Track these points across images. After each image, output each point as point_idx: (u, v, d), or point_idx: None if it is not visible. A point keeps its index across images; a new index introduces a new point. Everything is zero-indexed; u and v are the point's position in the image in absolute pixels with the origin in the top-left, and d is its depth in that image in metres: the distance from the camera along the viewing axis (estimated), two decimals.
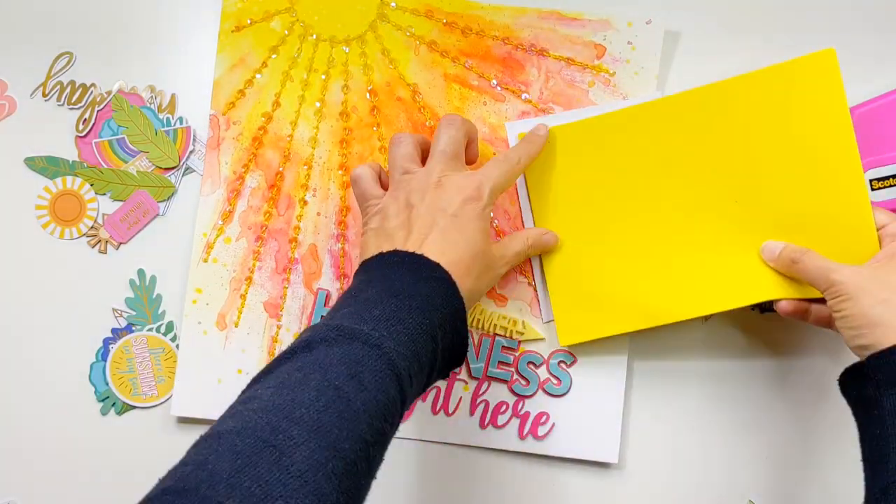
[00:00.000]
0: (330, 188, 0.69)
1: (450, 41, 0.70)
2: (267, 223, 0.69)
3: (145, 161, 0.70)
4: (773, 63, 0.61)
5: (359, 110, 0.70)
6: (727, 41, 0.69)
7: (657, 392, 0.69)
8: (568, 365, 0.68)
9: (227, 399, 0.69)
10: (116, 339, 0.70)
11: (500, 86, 0.69)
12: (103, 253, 0.70)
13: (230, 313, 0.69)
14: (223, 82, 0.70)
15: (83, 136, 0.70)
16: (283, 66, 0.70)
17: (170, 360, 0.69)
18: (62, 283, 0.70)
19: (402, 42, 0.70)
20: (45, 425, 0.70)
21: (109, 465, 0.70)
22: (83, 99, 0.71)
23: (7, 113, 0.71)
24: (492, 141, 0.69)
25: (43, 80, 0.71)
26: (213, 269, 0.69)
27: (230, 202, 0.69)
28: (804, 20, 0.69)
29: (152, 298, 0.70)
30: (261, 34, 0.70)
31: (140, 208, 0.70)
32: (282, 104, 0.70)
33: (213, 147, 0.70)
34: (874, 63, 0.68)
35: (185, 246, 0.70)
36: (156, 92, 0.71)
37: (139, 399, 0.70)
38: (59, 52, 0.71)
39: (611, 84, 0.69)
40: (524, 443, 0.68)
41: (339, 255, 0.69)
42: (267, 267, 0.69)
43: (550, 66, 0.69)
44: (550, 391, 0.68)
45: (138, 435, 0.69)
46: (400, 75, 0.70)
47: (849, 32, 0.69)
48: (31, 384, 0.70)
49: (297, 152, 0.70)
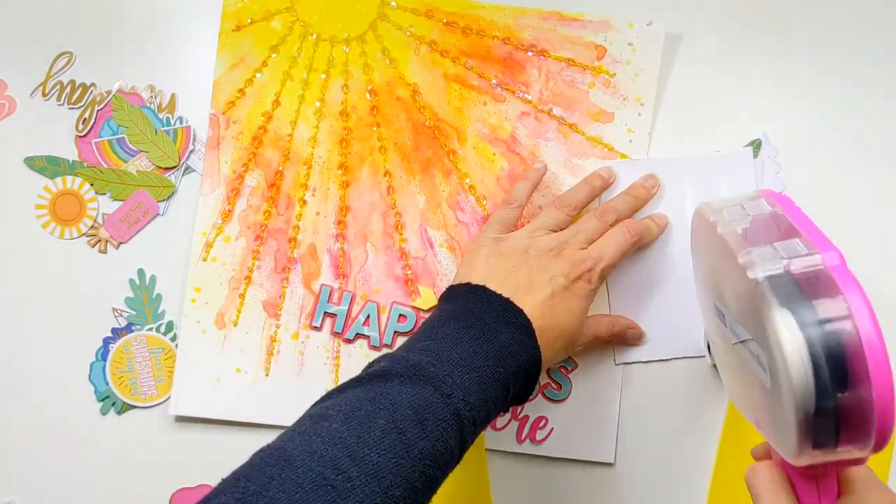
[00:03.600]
0: (329, 188, 0.69)
1: (450, 41, 0.70)
2: (266, 222, 0.69)
3: (145, 161, 0.70)
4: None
5: (358, 110, 0.70)
6: (728, 43, 0.69)
7: (656, 392, 0.68)
8: (569, 370, 0.68)
9: (226, 398, 0.69)
10: (116, 338, 0.70)
11: (501, 86, 0.69)
12: (103, 253, 0.70)
13: (229, 312, 0.69)
14: (223, 82, 0.70)
15: (83, 135, 0.70)
16: (283, 65, 0.70)
17: (169, 360, 0.69)
18: (62, 283, 0.70)
19: (402, 42, 0.70)
20: (45, 425, 0.70)
21: (109, 464, 0.70)
22: (83, 99, 0.71)
23: (7, 113, 0.71)
24: (492, 141, 0.69)
25: (43, 79, 0.71)
26: (212, 269, 0.69)
27: (230, 201, 0.69)
28: (804, 20, 0.69)
29: (152, 298, 0.70)
30: (261, 34, 0.70)
31: (140, 208, 0.70)
32: (282, 103, 0.70)
33: (212, 146, 0.70)
34: (886, 66, 0.68)
35: (185, 245, 0.70)
36: (156, 92, 0.71)
37: (139, 399, 0.70)
38: (59, 51, 0.71)
39: (611, 85, 0.68)
40: (522, 446, 0.67)
41: (338, 254, 0.69)
42: (266, 266, 0.69)
43: (551, 66, 0.69)
44: (550, 396, 0.68)
45: (138, 435, 0.69)
46: (400, 75, 0.70)
47: (850, 32, 0.68)
48: (30, 384, 0.70)
49: (297, 152, 0.70)
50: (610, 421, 0.67)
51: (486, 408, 0.53)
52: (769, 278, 0.44)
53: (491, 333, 0.55)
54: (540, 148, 0.69)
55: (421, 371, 0.51)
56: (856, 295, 0.42)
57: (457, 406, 0.51)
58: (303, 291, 0.69)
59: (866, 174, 0.68)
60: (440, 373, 0.52)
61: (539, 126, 0.69)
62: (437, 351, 0.53)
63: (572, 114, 0.69)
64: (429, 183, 0.69)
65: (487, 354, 0.54)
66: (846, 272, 0.43)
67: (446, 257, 0.69)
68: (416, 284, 0.68)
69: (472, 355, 0.53)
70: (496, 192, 0.69)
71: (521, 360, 0.55)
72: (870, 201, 0.68)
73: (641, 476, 0.68)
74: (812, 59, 0.69)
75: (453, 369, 0.52)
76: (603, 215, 0.64)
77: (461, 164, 0.69)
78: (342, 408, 0.49)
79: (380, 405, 0.49)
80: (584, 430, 0.67)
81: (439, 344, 0.54)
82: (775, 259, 0.44)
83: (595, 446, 0.67)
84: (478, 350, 0.54)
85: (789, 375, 0.42)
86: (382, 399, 0.50)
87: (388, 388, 0.50)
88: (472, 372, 0.53)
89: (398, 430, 0.48)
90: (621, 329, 0.66)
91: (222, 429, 0.69)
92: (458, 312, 0.57)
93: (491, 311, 0.56)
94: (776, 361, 0.43)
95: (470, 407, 0.51)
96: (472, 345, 0.54)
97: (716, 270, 0.52)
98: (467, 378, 0.52)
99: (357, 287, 0.69)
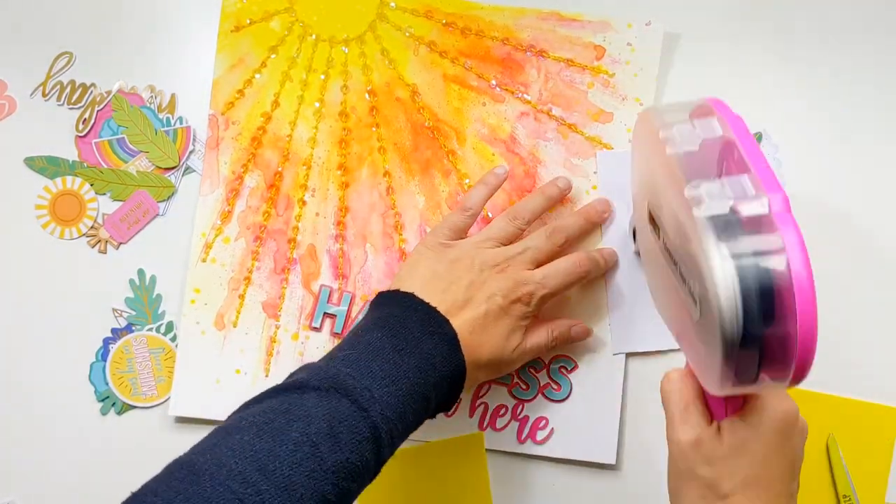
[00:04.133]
0: (329, 188, 0.69)
1: (449, 41, 0.70)
2: (266, 223, 0.69)
3: (145, 161, 0.70)
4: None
5: (358, 110, 0.70)
6: (727, 43, 0.69)
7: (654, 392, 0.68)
8: (569, 370, 0.68)
9: (226, 399, 0.69)
10: (116, 339, 0.70)
11: (500, 86, 0.69)
12: (103, 253, 0.70)
13: (228, 313, 0.69)
14: (222, 82, 0.70)
15: (83, 135, 0.71)
16: (282, 66, 0.70)
17: (169, 360, 0.69)
18: (62, 283, 0.70)
19: (401, 42, 0.70)
20: (44, 425, 0.70)
21: (109, 465, 0.70)
22: (83, 99, 0.71)
23: (7, 113, 0.71)
24: (491, 142, 0.69)
25: (43, 79, 0.71)
26: (211, 270, 0.69)
27: (229, 202, 0.69)
28: (804, 20, 0.69)
29: (152, 298, 0.70)
30: (260, 34, 0.70)
31: (140, 208, 0.70)
32: (281, 104, 0.70)
33: (212, 147, 0.70)
34: (886, 66, 0.68)
35: (185, 245, 0.70)
36: (156, 92, 0.71)
37: (139, 399, 0.70)
38: (59, 52, 0.71)
39: (610, 85, 0.68)
40: (523, 446, 0.68)
41: (337, 255, 0.69)
42: (265, 267, 0.69)
43: (550, 67, 0.69)
44: (550, 396, 0.68)
45: (138, 435, 0.69)
46: (399, 76, 0.70)
47: (849, 32, 0.68)
48: (30, 384, 0.70)
49: (296, 152, 0.70)
50: (611, 421, 0.67)
51: (404, 421, 0.53)
52: (712, 217, 0.44)
53: (414, 344, 0.55)
54: (539, 148, 0.69)
55: (339, 383, 0.51)
56: (791, 232, 0.43)
57: (374, 420, 0.51)
58: (302, 292, 0.69)
59: (866, 172, 0.68)
60: (359, 385, 0.51)
61: (538, 126, 0.69)
62: (356, 362, 0.53)
63: (571, 114, 0.69)
64: (428, 183, 0.69)
65: (409, 366, 0.53)
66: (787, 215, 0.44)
67: None
68: None
69: (393, 367, 0.53)
70: (495, 193, 0.69)
71: (443, 371, 0.55)
72: (870, 199, 0.68)
73: (643, 477, 0.68)
74: (812, 57, 0.69)
75: (372, 382, 0.52)
76: (552, 235, 0.63)
77: (460, 165, 0.69)
78: (255, 419, 0.49)
79: (294, 417, 0.49)
80: (585, 430, 0.67)
81: (360, 354, 0.54)
82: (722, 198, 0.45)
83: (596, 447, 0.67)
84: (399, 362, 0.53)
85: (720, 308, 0.43)
86: (297, 411, 0.50)
87: (304, 399, 0.50)
88: (392, 385, 0.52)
89: (311, 443, 0.48)
90: (562, 331, 0.65)
91: None
92: (383, 320, 0.56)
93: (416, 319, 0.56)
94: (707, 294, 0.44)
95: (387, 420, 0.51)
96: (394, 356, 0.54)
97: (656, 181, 0.52)
98: (386, 391, 0.52)
99: (357, 287, 0.69)
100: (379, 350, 0.54)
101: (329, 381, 0.51)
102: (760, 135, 0.68)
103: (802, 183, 0.67)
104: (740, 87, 0.69)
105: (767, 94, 0.69)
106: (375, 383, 0.52)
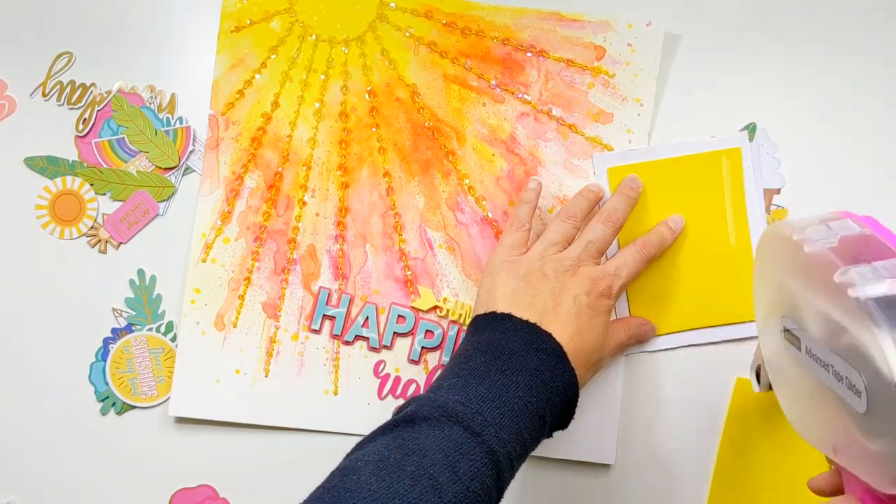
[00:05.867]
0: (329, 189, 0.69)
1: (449, 42, 0.69)
2: (265, 224, 0.69)
3: (145, 161, 0.70)
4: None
5: (358, 111, 0.70)
6: (727, 43, 0.69)
7: (653, 393, 0.68)
8: None
9: (226, 399, 0.69)
10: (116, 339, 0.70)
11: (500, 87, 0.69)
12: (103, 253, 0.70)
13: (228, 314, 0.69)
14: (222, 83, 0.70)
15: (83, 135, 0.71)
16: (282, 66, 0.70)
17: (169, 360, 0.69)
18: (62, 283, 0.70)
19: (401, 42, 0.70)
20: (44, 425, 0.70)
21: (109, 464, 0.70)
22: (83, 99, 0.71)
23: (7, 113, 0.71)
24: (491, 142, 0.69)
25: (43, 79, 0.71)
26: (211, 270, 0.69)
27: (229, 202, 0.69)
28: (803, 20, 0.69)
29: (152, 298, 0.70)
30: (260, 34, 0.70)
31: (140, 208, 0.70)
32: (281, 104, 0.70)
33: (211, 147, 0.70)
34: (885, 66, 0.68)
35: (185, 246, 0.70)
36: (155, 92, 0.71)
37: (139, 399, 0.70)
38: (59, 52, 0.71)
39: (610, 86, 0.68)
40: None
41: (337, 255, 0.69)
42: (265, 267, 0.69)
43: (550, 67, 0.69)
44: None
45: (138, 435, 0.70)
46: (399, 76, 0.70)
47: (848, 32, 0.68)
48: (30, 384, 0.70)
49: (296, 153, 0.70)
50: (610, 422, 0.67)
51: (521, 441, 0.52)
52: (874, 298, 0.42)
53: (520, 363, 0.54)
54: (539, 148, 0.69)
55: (448, 411, 0.50)
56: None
57: (489, 444, 0.49)
58: (302, 292, 0.69)
59: (866, 171, 0.68)
60: (469, 411, 0.50)
61: (538, 126, 0.69)
62: (464, 388, 0.52)
63: (571, 114, 0.69)
64: (428, 184, 0.69)
65: (518, 385, 0.52)
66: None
67: (446, 258, 0.69)
68: (416, 285, 0.69)
69: (500, 388, 0.52)
70: (495, 193, 0.69)
71: (554, 386, 0.54)
72: (869, 197, 0.68)
73: (642, 477, 0.68)
74: (811, 58, 0.69)
75: (482, 406, 0.51)
76: (609, 218, 0.63)
77: (460, 165, 0.69)
78: (371, 458, 0.48)
79: (408, 451, 0.48)
80: (584, 430, 0.67)
81: (466, 380, 0.53)
82: (878, 278, 0.42)
83: (595, 447, 0.67)
84: (506, 382, 0.52)
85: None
86: (411, 444, 0.49)
87: (417, 432, 0.49)
88: (503, 406, 0.51)
89: (428, 476, 0.47)
90: (636, 329, 0.66)
91: (222, 429, 0.69)
92: (485, 344, 0.55)
93: (518, 339, 0.55)
94: (880, 376, 0.41)
95: (503, 443, 0.50)
96: (501, 377, 0.53)
97: (791, 292, 0.50)
98: (498, 413, 0.51)
99: (356, 288, 0.69)
100: (485, 374, 0.53)
101: (439, 411, 0.50)
102: (754, 125, 0.68)
103: (802, 182, 0.67)
104: (740, 87, 0.69)
105: (767, 93, 0.69)
106: (486, 406, 0.51)
